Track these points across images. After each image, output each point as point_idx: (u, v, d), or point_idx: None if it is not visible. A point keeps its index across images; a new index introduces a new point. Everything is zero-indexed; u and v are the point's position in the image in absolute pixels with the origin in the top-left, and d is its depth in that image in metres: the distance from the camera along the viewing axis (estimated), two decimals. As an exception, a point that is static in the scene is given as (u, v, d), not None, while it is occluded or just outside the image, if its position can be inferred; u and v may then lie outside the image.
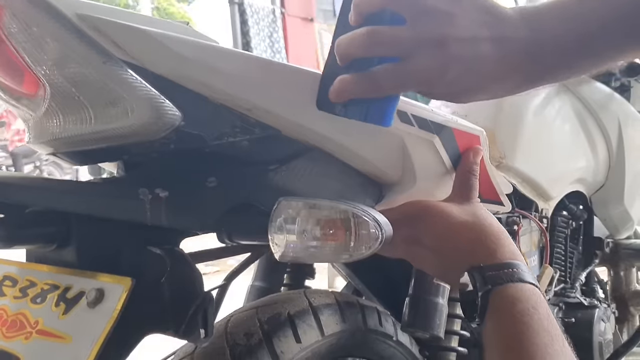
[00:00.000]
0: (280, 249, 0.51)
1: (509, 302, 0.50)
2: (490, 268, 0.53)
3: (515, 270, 0.52)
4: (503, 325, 0.50)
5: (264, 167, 0.57)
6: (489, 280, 0.52)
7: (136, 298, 0.49)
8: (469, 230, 0.56)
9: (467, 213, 0.58)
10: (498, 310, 0.51)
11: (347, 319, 0.75)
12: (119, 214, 0.52)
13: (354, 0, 0.52)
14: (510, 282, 0.51)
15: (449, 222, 0.57)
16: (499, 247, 0.55)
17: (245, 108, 0.54)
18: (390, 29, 0.50)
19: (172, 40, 0.50)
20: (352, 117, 0.55)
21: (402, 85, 0.52)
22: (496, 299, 0.51)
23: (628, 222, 1.43)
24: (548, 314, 0.50)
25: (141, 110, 0.49)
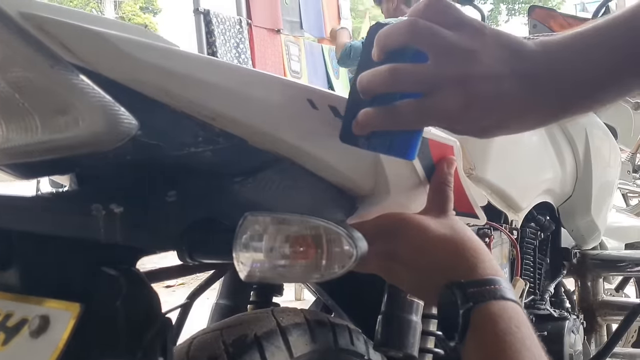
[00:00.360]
0: (245, 268, 0.47)
1: (491, 320, 0.48)
2: (472, 284, 0.50)
3: (497, 287, 0.50)
4: (485, 345, 0.48)
5: (229, 179, 0.53)
6: (471, 297, 0.49)
7: (86, 325, 0.44)
8: (447, 244, 0.54)
9: (444, 226, 0.55)
10: (480, 328, 0.48)
11: (317, 338, 0.72)
12: (68, 232, 0.48)
13: (377, 37, 0.52)
14: (493, 299, 0.49)
15: (425, 235, 0.54)
16: (479, 262, 0.52)
17: (208, 116, 0.50)
18: (412, 66, 0.51)
19: (127, 43, 0.46)
20: (376, 150, 0.56)
21: (424, 120, 0.53)
22: (477, 317, 0.48)
23: (595, 233, 1.44)
24: (530, 333, 0.48)
25: (93, 119, 0.45)
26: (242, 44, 3.42)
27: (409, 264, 0.55)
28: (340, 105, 0.56)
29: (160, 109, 0.48)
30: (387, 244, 0.56)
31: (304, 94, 0.54)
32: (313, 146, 0.56)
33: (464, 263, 0.52)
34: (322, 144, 0.56)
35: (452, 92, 0.50)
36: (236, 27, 3.41)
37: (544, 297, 1.30)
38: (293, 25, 4.01)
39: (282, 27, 3.83)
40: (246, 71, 0.52)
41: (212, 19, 3.22)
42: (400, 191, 0.65)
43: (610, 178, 1.43)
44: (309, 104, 0.54)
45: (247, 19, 3.56)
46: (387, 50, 0.52)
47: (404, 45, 0.51)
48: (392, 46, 0.52)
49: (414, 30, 0.50)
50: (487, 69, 0.50)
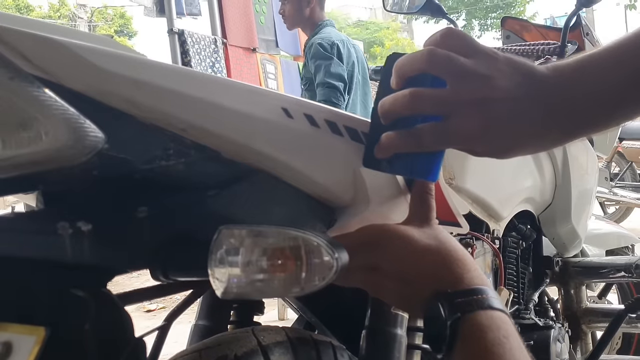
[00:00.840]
0: (222, 284, 0.45)
1: (479, 330, 0.46)
2: (459, 294, 0.49)
3: (484, 296, 0.49)
4: (473, 356, 0.46)
5: (202, 193, 0.51)
6: (458, 307, 0.48)
7: (52, 350, 0.42)
8: (432, 255, 0.52)
9: (428, 236, 0.54)
10: (468, 339, 0.47)
11: (300, 357, 0.69)
12: (33, 252, 0.45)
13: (395, 65, 0.54)
14: (481, 309, 0.48)
15: (410, 246, 0.53)
16: (465, 272, 0.51)
17: (178, 127, 0.48)
18: (432, 90, 0.53)
19: (91, 53, 0.44)
20: (398, 172, 0.59)
21: (444, 142, 0.55)
22: (466, 327, 0.47)
23: (575, 240, 1.44)
24: (519, 344, 0.47)
25: (57, 133, 0.43)
26: (217, 63, 3.41)
27: (393, 276, 0.53)
28: (316, 113, 0.55)
29: (127, 121, 0.46)
30: (371, 256, 0.54)
31: (279, 102, 0.53)
32: (289, 157, 0.54)
33: (451, 273, 0.51)
34: (299, 154, 0.55)
35: (471, 115, 0.52)
36: (211, 46, 3.40)
37: (528, 306, 1.29)
38: (269, 43, 4.01)
39: (257, 46, 3.83)
40: (217, 80, 0.51)
41: (187, 38, 3.21)
42: (380, 201, 0.63)
43: (588, 185, 1.43)
44: (284, 113, 0.53)
45: (223, 38, 3.56)
46: (406, 77, 0.54)
47: (422, 73, 0.53)
48: (411, 73, 0.54)
49: (431, 58, 0.52)
50: (502, 93, 0.52)
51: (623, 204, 5.55)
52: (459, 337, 0.47)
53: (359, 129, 0.58)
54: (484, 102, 0.52)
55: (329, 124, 0.56)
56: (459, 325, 0.47)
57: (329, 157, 0.57)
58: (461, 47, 0.53)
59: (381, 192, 0.63)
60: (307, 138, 0.54)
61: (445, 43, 0.53)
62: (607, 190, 5.30)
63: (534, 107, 0.53)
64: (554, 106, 0.53)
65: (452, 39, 0.54)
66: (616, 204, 5.70)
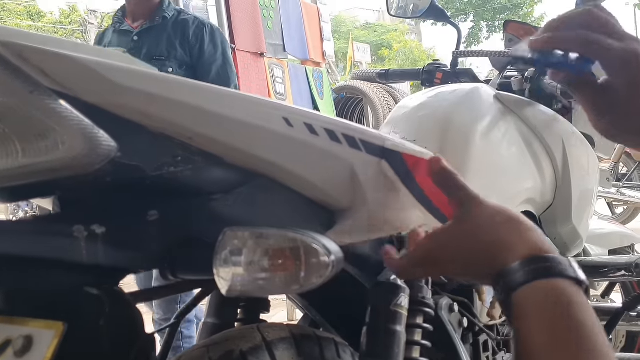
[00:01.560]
0: (226, 283, 0.49)
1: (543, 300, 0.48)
2: (528, 262, 0.50)
3: (552, 264, 0.50)
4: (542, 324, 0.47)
5: (208, 197, 0.55)
6: (529, 273, 0.49)
7: (70, 344, 0.45)
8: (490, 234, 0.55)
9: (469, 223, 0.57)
10: (534, 308, 0.48)
11: (303, 352, 0.72)
12: (51, 254, 0.49)
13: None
14: (551, 277, 0.48)
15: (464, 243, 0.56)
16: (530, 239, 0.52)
17: (186, 137, 0.51)
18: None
19: (105, 68, 0.47)
20: None
21: None
22: (530, 297, 0.48)
23: (577, 240, 1.46)
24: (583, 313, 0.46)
25: (73, 142, 0.47)
26: (226, 68, 3.45)
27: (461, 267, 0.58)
28: (315, 122, 0.58)
29: (138, 131, 0.49)
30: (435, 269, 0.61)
31: (280, 112, 0.56)
32: (290, 163, 0.57)
33: (520, 241, 0.53)
34: (299, 160, 0.58)
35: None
36: (219, 51, 3.44)
37: (530, 305, 1.31)
38: (276, 48, 4.05)
39: (265, 51, 3.87)
40: (222, 91, 0.54)
41: (195, 44, 3.25)
42: (379, 205, 0.66)
43: (589, 186, 1.45)
44: (284, 122, 0.56)
45: (231, 43, 3.59)
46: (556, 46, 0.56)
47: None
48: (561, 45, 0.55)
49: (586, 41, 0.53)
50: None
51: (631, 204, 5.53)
52: (520, 307, 0.48)
53: (357, 137, 0.62)
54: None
55: (328, 132, 0.59)
56: (521, 296, 0.48)
57: (328, 163, 0.60)
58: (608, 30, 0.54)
59: (379, 195, 0.66)
60: (307, 145, 0.57)
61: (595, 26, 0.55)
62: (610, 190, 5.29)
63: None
64: None
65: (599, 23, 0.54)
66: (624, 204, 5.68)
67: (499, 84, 1.58)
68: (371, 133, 0.63)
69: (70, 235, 0.49)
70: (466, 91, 1.21)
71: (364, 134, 0.62)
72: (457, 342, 0.91)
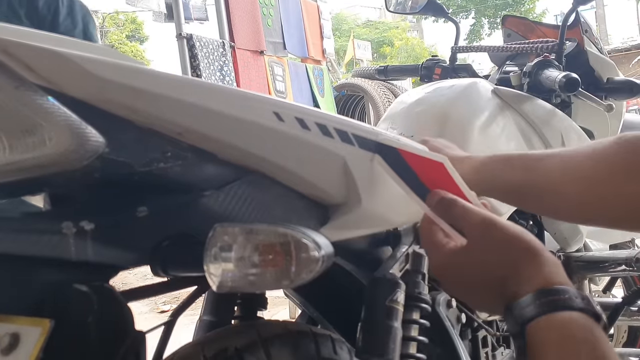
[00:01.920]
0: (217, 279, 0.48)
1: (552, 336, 0.46)
2: (532, 298, 0.49)
3: (562, 297, 0.48)
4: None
5: (199, 193, 0.54)
6: (537, 309, 0.48)
7: (57, 341, 0.45)
8: (498, 263, 0.53)
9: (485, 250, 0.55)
10: (541, 345, 0.46)
11: (299, 349, 0.72)
12: (39, 251, 0.48)
13: None
14: (558, 310, 0.47)
15: (467, 272, 0.56)
16: (538, 270, 0.51)
17: (175, 132, 0.51)
18: None
19: (91, 63, 0.47)
20: None
21: None
22: (540, 331, 0.47)
23: (577, 235, 1.45)
24: (597, 347, 0.45)
25: (60, 138, 0.46)
26: (226, 67, 3.45)
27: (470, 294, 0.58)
28: (306, 117, 0.58)
29: (126, 126, 0.49)
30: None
31: (270, 107, 0.55)
32: (281, 158, 0.57)
33: (521, 274, 0.51)
34: (290, 156, 0.57)
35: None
36: (219, 50, 3.44)
37: (530, 301, 1.30)
38: (276, 46, 4.05)
39: (265, 49, 3.87)
40: (211, 86, 0.53)
41: (195, 42, 3.25)
42: (374, 200, 0.66)
43: (589, 181, 1.44)
44: (275, 117, 0.55)
45: (230, 41, 3.60)
46: None
47: None
48: None
49: None
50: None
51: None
52: (534, 341, 0.46)
53: (349, 131, 0.61)
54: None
55: (320, 127, 0.58)
56: (535, 329, 0.46)
57: (320, 158, 0.60)
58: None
59: (374, 191, 0.65)
60: (299, 140, 0.57)
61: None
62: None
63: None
64: None
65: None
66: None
67: (498, 79, 1.57)
68: (364, 127, 0.63)
69: (58, 231, 0.48)
70: (464, 86, 1.21)
71: (356, 128, 0.62)
72: (455, 338, 0.90)
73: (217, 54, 3.45)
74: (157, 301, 3.64)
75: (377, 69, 1.94)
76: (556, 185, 0.71)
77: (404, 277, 0.78)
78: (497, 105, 1.25)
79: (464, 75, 1.66)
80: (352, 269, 0.83)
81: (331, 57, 5.58)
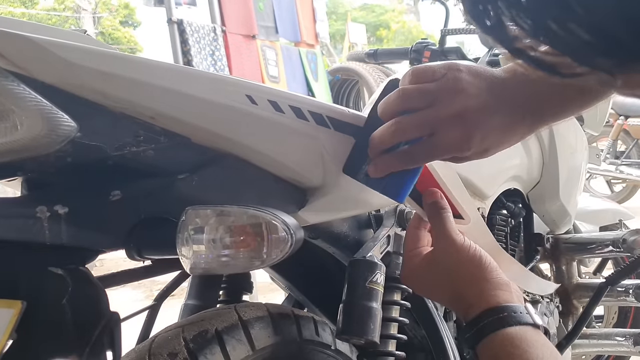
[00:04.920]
0: (189, 261, 0.49)
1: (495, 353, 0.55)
2: (476, 321, 0.58)
3: (503, 315, 0.57)
4: None
5: (173, 177, 0.55)
6: (477, 332, 0.57)
7: (31, 323, 0.46)
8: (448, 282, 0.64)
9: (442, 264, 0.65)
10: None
11: (280, 331, 0.73)
12: (13, 235, 0.49)
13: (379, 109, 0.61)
14: (498, 329, 0.55)
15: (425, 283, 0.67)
16: (484, 291, 0.59)
17: (147, 116, 0.51)
18: (413, 116, 0.58)
19: (61, 48, 0.47)
20: (372, 187, 0.63)
21: (434, 155, 0.62)
22: (484, 349, 0.56)
23: (566, 217, 1.46)
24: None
25: (31, 123, 0.47)
26: (217, 52, 3.43)
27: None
28: (280, 100, 0.58)
29: (98, 111, 0.49)
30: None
31: (242, 89, 0.55)
32: (255, 142, 0.57)
33: (468, 298, 0.60)
34: (264, 139, 0.58)
35: (453, 126, 0.58)
36: (210, 35, 3.42)
37: (516, 282, 1.31)
38: (268, 30, 4.02)
39: (257, 33, 3.84)
40: (182, 69, 0.54)
41: (186, 27, 3.23)
42: (351, 185, 0.66)
43: (577, 163, 1.45)
44: (247, 100, 0.56)
45: (222, 26, 3.57)
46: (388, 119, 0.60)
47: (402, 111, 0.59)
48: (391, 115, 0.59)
49: (404, 95, 0.59)
50: (474, 100, 0.58)
51: (630, 181, 5.53)
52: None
53: (324, 114, 0.61)
54: (461, 113, 0.58)
55: (294, 110, 0.59)
56: (481, 347, 0.55)
57: (295, 141, 0.60)
58: (426, 77, 0.59)
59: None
60: (272, 123, 0.57)
61: (412, 80, 0.60)
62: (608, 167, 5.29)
63: (502, 106, 0.59)
64: (517, 102, 0.59)
65: (415, 75, 0.60)
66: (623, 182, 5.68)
67: (488, 61, 1.57)
68: (339, 110, 0.63)
69: (32, 216, 0.49)
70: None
71: (331, 111, 0.62)
72: (438, 320, 0.91)
73: (208, 39, 3.43)
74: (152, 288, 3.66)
75: (368, 52, 1.94)
76: None
77: (385, 258, 0.78)
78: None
79: (453, 57, 1.65)
80: (335, 251, 0.84)
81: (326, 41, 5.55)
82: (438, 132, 0.58)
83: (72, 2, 18.83)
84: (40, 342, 0.47)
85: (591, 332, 1.48)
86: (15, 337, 0.45)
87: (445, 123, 0.58)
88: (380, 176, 0.61)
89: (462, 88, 0.58)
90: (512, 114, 0.59)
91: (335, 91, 5.33)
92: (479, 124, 0.58)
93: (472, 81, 0.59)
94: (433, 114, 0.58)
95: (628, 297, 1.42)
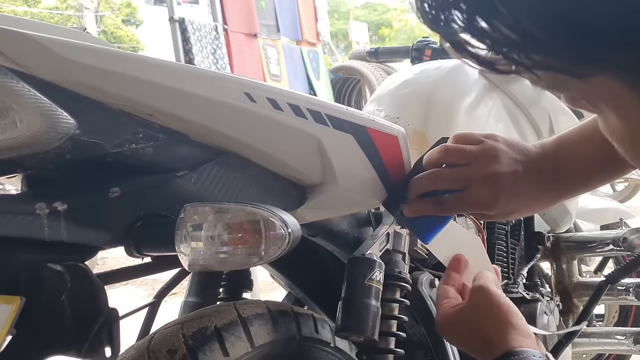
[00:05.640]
0: (188, 258, 0.49)
1: None
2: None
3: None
4: None
5: (172, 174, 0.55)
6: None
7: (30, 319, 0.46)
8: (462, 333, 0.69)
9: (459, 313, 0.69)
10: None
11: (280, 328, 0.73)
12: (13, 231, 0.49)
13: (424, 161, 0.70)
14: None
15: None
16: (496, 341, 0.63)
17: (146, 113, 0.52)
18: (450, 170, 0.68)
19: (60, 45, 0.47)
20: (404, 224, 0.75)
21: (463, 208, 0.70)
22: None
23: (566, 216, 1.46)
24: None
25: (31, 120, 0.47)
26: (219, 50, 3.43)
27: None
28: (278, 97, 0.58)
29: (97, 108, 0.50)
30: None
31: (241, 87, 0.56)
32: (253, 139, 0.57)
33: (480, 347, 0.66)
34: (263, 136, 0.58)
35: (484, 186, 0.66)
36: (212, 33, 3.42)
37: (516, 280, 1.31)
38: (270, 28, 4.02)
39: (259, 31, 3.84)
40: (181, 67, 0.54)
41: (188, 26, 3.23)
42: (348, 180, 0.66)
43: (578, 161, 1.45)
44: (246, 97, 0.56)
45: (223, 24, 3.57)
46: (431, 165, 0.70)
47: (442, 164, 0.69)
48: (433, 165, 0.69)
49: (447, 152, 0.68)
50: (506, 167, 0.66)
51: (632, 181, 5.52)
52: None
53: (323, 112, 0.61)
54: (493, 176, 0.66)
55: (292, 107, 0.59)
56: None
57: (294, 139, 0.60)
58: (466, 140, 0.68)
59: (348, 170, 0.66)
60: (271, 121, 0.57)
61: (455, 141, 0.69)
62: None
63: (529, 176, 0.66)
64: (542, 175, 0.67)
65: (458, 138, 0.69)
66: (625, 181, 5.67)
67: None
68: (338, 108, 0.63)
69: (32, 212, 0.49)
70: (450, 67, 1.21)
71: (330, 109, 0.62)
72: (437, 317, 0.91)
73: (210, 38, 3.43)
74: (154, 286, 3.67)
75: (369, 51, 1.93)
76: None
77: (384, 256, 0.79)
78: (483, 87, 1.25)
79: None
80: (334, 249, 0.84)
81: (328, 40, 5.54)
82: (469, 188, 0.66)
83: (75, 1, 18.86)
84: (39, 337, 0.47)
85: (592, 330, 1.48)
86: (14, 333, 0.45)
87: (477, 181, 0.66)
88: (412, 216, 0.70)
89: (496, 155, 0.66)
90: (538, 185, 0.67)
91: (337, 90, 5.32)
92: (506, 187, 0.66)
93: (506, 150, 0.67)
94: (468, 171, 0.66)
95: (628, 296, 1.42)
